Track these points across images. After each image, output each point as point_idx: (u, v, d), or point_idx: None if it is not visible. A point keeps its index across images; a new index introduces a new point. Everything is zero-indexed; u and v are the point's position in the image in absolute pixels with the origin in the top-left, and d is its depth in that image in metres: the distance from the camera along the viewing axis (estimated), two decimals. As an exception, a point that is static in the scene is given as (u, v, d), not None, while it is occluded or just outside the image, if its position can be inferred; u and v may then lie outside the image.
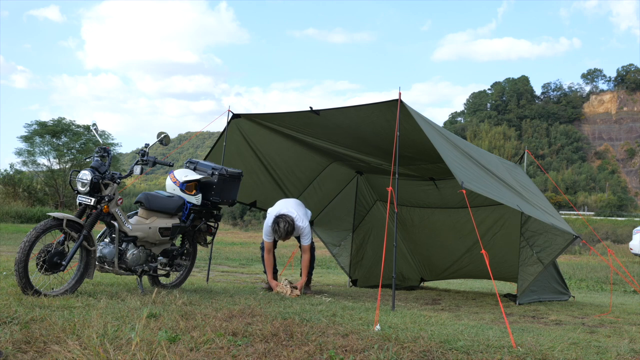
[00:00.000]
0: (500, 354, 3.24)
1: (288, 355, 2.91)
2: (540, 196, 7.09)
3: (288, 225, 6.02)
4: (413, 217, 8.62)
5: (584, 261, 18.68)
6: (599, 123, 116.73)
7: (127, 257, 4.88)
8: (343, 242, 8.67)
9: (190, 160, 5.80)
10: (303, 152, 7.66)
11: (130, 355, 2.60)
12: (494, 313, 5.60)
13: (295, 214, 6.17)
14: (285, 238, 6.09)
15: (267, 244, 6.36)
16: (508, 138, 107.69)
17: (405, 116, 5.42)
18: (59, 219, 4.37)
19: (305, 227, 6.23)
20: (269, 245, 6.37)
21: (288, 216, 6.08)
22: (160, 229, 5.14)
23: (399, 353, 3.09)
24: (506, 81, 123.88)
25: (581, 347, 3.63)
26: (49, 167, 35.66)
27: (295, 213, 6.18)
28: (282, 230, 6.00)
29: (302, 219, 6.21)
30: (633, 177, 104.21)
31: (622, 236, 36.99)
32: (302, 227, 6.21)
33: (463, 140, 6.44)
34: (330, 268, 12.30)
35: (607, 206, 73.71)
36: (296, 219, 6.14)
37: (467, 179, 5.09)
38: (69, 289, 4.48)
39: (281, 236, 6.05)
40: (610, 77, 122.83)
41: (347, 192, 8.61)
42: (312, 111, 6.06)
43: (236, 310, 4.10)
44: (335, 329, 3.65)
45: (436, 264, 8.91)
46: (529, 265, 6.69)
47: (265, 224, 6.25)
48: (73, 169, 7.12)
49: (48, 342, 2.82)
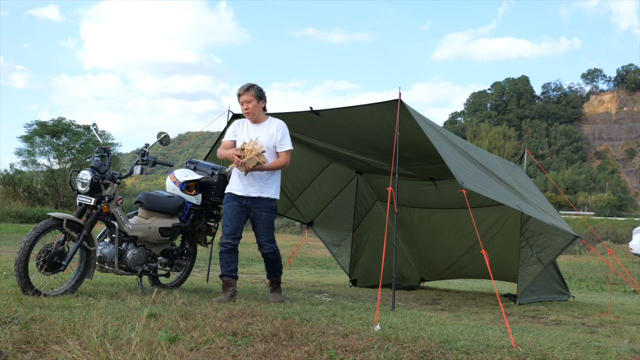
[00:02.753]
0: (500, 354, 3.24)
1: (288, 355, 2.91)
2: (540, 196, 7.09)
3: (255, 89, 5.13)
4: (413, 218, 8.62)
5: (584, 261, 18.68)
6: (599, 123, 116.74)
7: (127, 257, 4.89)
8: (343, 242, 8.67)
9: (190, 160, 5.80)
10: (303, 152, 7.65)
11: (130, 355, 2.60)
12: (494, 313, 5.60)
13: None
14: (245, 93, 5.07)
15: (225, 143, 5.25)
16: (508, 138, 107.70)
17: (405, 116, 5.42)
18: (59, 219, 4.37)
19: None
20: (227, 143, 5.22)
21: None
22: (160, 229, 5.14)
23: (399, 353, 3.09)
24: (506, 81, 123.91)
25: (581, 347, 3.63)
26: (49, 167, 35.69)
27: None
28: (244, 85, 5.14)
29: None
30: (633, 177, 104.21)
31: (622, 236, 37.01)
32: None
33: (463, 141, 6.45)
34: (330, 268, 12.30)
35: (607, 206, 73.69)
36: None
37: (467, 179, 5.09)
38: (69, 289, 4.48)
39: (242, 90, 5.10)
40: (610, 77, 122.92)
41: (347, 192, 8.61)
42: (312, 111, 6.06)
43: (236, 310, 4.10)
44: (335, 329, 3.65)
45: (436, 264, 8.91)
46: (529, 265, 6.69)
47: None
48: (73, 169, 7.12)
49: (48, 342, 2.82)
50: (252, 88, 5.10)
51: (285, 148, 5.15)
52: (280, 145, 5.14)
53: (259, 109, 5.15)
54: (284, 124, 5.22)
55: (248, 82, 5.15)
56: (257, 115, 5.15)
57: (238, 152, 4.88)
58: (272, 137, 5.12)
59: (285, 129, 5.21)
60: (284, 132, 5.19)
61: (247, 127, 5.20)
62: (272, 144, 5.10)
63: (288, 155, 5.17)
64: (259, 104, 5.13)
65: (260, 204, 5.07)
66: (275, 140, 5.13)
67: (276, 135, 5.14)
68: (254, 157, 4.82)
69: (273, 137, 5.12)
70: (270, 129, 5.17)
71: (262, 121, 5.20)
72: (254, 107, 5.10)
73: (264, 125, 5.18)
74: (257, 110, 5.13)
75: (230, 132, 5.26)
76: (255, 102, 5.10)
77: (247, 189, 5.06)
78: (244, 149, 4.86)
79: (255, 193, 5.06)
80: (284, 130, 5.19)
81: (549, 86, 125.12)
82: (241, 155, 4.85)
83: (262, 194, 5.07)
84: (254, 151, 4.83)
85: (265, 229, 5.15)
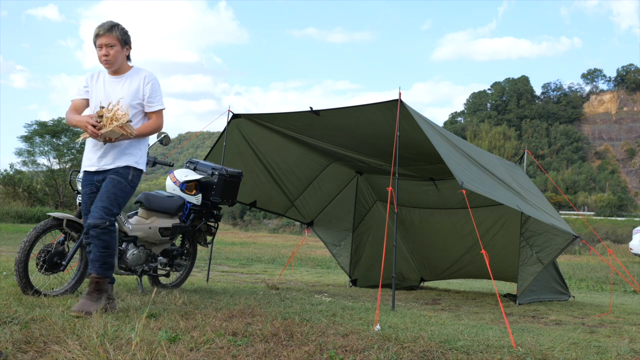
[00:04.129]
0: (500, 354, 3.24)
1: (288, 355, 2.91)
2: (540, 196, 7.09)
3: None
4: (413, 218, 8.62)
5: (584, 261, 18.69)
6: (599, 123, 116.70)
7: (127, 257, 4.89)
8: (343, 242, 8.68)
9: (190, 160, 5.81)
10: (303, 152, 7.66)
11: (130, 355, 2.60)
12: (494, 313, 5.60)
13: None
14: (106, 34, 3.88)
15: (75, 103, 4.07)
16: (508, 138, 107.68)
17: (405, 116, 5.42)
18: (59, 219, 4.37)
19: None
20: (77, 103, 4.06)
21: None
22: (160, 229, 5.14)
23: (399, 353, 3.09)
24: (506, 81, 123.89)
25: (581, 347, 3.63)
26: (49, 167, 35.68)
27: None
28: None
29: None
30: (633, 177, 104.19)
31: (622, 236, 37.00)
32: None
33: (463, 141, 6.45)
34: (330, 268, 12.30)
35: (607, 206, 73.67)
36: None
37: (467, 179, 5.09)
38: (69, 289, 4.49)
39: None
40: (610, 77, 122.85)
41: (347, 192, 8.62)
42: (312, 111, 6.06)
43: (236, 310, 4.10)
44: (335, 329, 3.65)
45: (436, 264, 8.92)
46: (529, 265, 6.69)
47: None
48: (73, 169, 7.12)
49: (48, 342, 2.82)
50: (115, 28, 3.91)
51: (156, 107, 4.01)
52: (150, 104, 3.99)
53: (122, 56, 3.97)
54: (154, 76, 4.04)
55: (110, 20, 3.97)
56: (119, 65, 3.97)
57: (93, 121, 3.70)
58: (138, 93, 3.97)
59: (155, 81, 4.03)
60: (154, 85, 4.01)
61: (103, 81, 4.02)
62: (136, 101, 3.96)
63: (160, 116, 4.04)
64: (123, 50, 3.96)
65: (113, 172, 3.89)
66: (141, 96, 3.98)
67: (143, 89, 3.98)
68: (115, 129, 3.68)
69: (139, 93, 3.97)
70: (135, 82, 3.98)
71: (124, 72, 4.01)
72: (116, 54, 3.91)
73: (126, 78, 3.99)
74: (119, 59, 3.94)
75: (82, 88, 4.06)
76: (118, 48, 3.92)
77: (100, 162, 3.93)
78: (102, 116, 3.70)
79: (109, 164, 3.90)
80: (153, 84, 4.01)
81: (549, 86, 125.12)
82: (97, 125, 3.70)
83: (117, 163, 3.90)
84: (116, 121, 3.67)
85: (107, 193, 3.81)
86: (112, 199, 3.79)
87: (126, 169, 3.90)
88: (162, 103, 4.04)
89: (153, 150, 5.37)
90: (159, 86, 4.06)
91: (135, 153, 3.97)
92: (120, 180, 3.85)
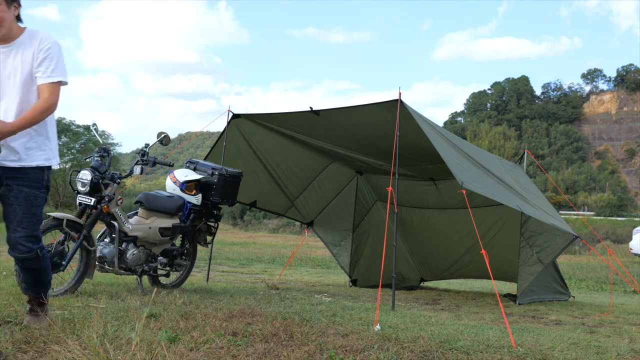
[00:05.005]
0: (500, 354, 3.24)
1: (288, 355, 2.91)
2: (540, 196, 7.10)
3: None
4: (413, 218, 8.62)
5: (584, 261, 18.69)
6: (599, 123, 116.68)
7: (127, 257, 4.89)
8: (343, 242, 8.68)
9: (190, 160, 5.81)
10: (303, 152, 7.66)
11: (130, 355, 2.60)
12: (494, 313, 5.60)
13: None
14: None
15: None
16: (508, 138, 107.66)
17: (405, 116, 5.42)
18: (59, 219, 4.37)
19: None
20: None
21: None
22: (161, 229, 5.15)
23: (399, 353, 3.09)
24: (506, 81, 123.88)
25: (581, 347, 3.63)
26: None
27: None
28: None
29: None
30: (633, 177, 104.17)
31: (622, 236, 36.97)
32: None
33: (463, 141, 6.45)
34: (330, 268, 12.30)
35: (607, 206, 73.63)
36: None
37: (467, 179, 5.09)
38: (69, 289, 4.49)
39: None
40: (610, 77, 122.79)
41: (347, 192, 8.62)
42: (312, 111, 6.06)
43: (236, 310, 4.10)
44: (335, 329, 3.65)
45: (436, 264, 8.92)
46: (529, 265, 6.69)
47: None
48: (73, 169, 7.10)
49: (48, 342, 2.82)
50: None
51: (55, 77, 3.13)
52: (45, 74, 3.12)
53: (11, 17, 3.11)
54: (53, 40, 3.17)
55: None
56: (7, 29, 3.10)
57: None
58: (31, 60, 3.13)
59: (55, 46, 3.16)
60: (53, 49, 3.15)
61: None
62: (27, 68, 3.12)
63: (55, 91, 3.13)
64: (10, 9, 3.10)
65: (22, 174, 3.11)
66: (35, 64, 3.13)
67: (37, 55, 3.12)
68: None
69: (32, 60, 3.13)
70: (29, 48, 3.14)
71: (15, 38, 3.14)
72: (2, 15, 3.06)
73: (18, 46, 3.14)
74: (7, 20, 3.08)
75: None
76: (3, 6, 3.06)
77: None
78: None
79: (14, 162, 3.10)
80: (52, 48, 3.15)
81: (549, 86, 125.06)
82: None
83: (24, 162, 3.11)
84: None
85: (25, 215, 3.10)
86: (33, 222, 3.13)
87: (39, 172, 3.16)
88: (62, 74, 3.15)
89: (153, 151, 5.38)
90: (61, 53, 3.19)
91: (44, 145, 3.18)
92: (36, 193, 3.13)
